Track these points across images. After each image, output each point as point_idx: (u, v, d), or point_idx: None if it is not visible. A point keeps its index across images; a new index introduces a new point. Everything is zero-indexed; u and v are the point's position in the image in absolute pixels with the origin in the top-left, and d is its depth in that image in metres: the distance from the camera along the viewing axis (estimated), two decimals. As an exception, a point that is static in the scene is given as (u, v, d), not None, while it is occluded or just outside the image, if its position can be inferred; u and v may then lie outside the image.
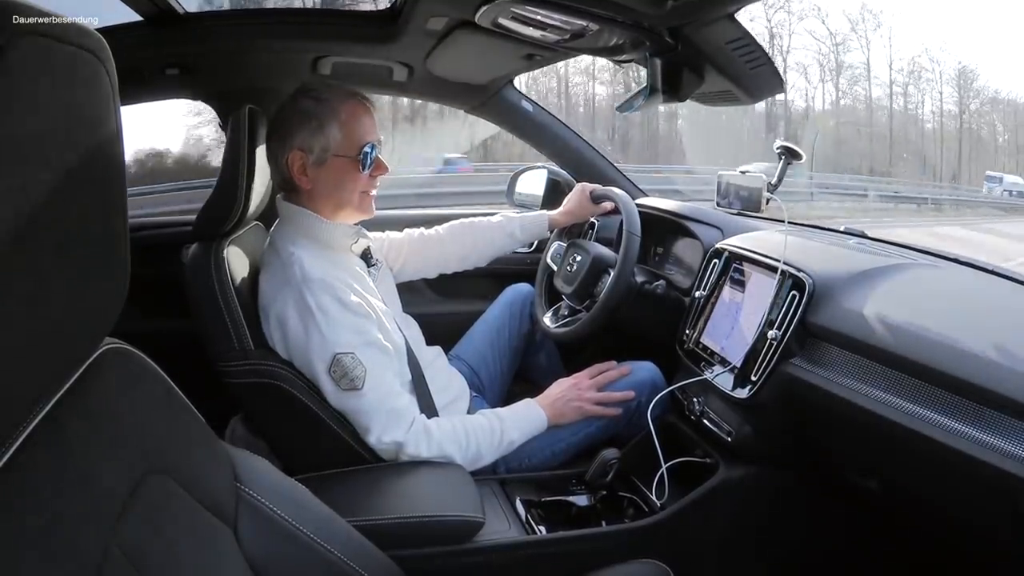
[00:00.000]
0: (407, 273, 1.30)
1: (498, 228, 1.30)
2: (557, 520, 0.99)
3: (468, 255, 1.30)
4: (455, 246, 1.29)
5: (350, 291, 0.96)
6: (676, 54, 0.96)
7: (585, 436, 1.13)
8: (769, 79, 0.99)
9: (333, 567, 0.60)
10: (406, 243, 1.29)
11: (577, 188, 1.34)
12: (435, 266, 1.31)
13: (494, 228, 1.30)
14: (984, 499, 0.70)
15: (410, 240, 1.29)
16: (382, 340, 0.97)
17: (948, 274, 0.96)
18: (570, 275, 1.23)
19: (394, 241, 1.29)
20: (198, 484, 0.50)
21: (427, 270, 1.31)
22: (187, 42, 1.20)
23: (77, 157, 0.36)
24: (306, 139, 0.98)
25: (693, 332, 1.12)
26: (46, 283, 0.34)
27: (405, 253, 1.28)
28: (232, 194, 0.99)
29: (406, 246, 1.29)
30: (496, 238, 1.30)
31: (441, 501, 0.91)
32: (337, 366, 0.92)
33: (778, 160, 1.08)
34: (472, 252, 1.30)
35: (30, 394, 0.36)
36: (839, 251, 1.06)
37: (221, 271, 0.96)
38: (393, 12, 1.14)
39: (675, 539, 0.98)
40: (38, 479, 0.37)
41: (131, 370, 0.48)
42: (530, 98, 1.59)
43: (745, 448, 1.00)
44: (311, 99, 0.99)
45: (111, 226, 0.39)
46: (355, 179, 1.01)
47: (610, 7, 0.87)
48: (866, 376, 0.80)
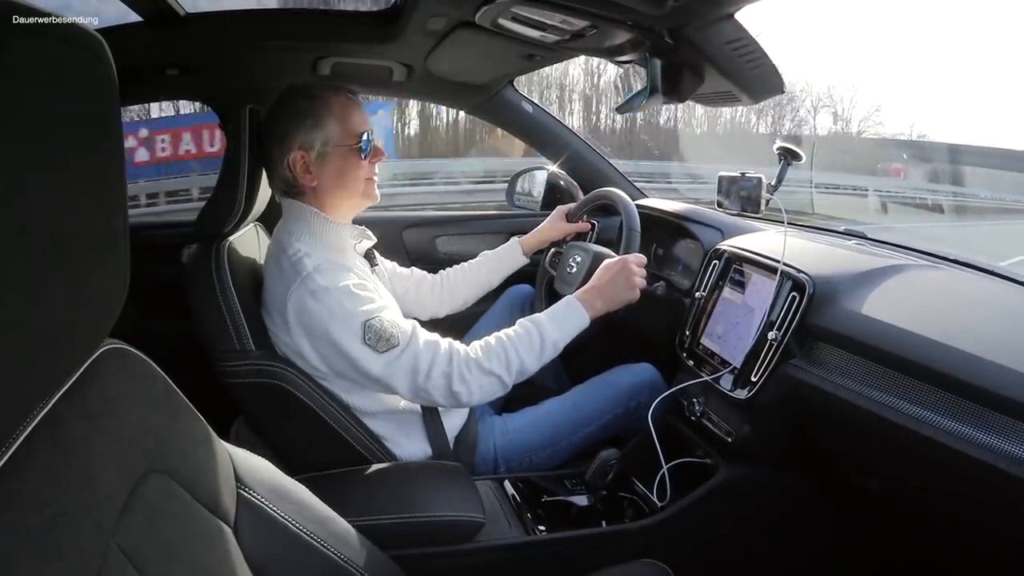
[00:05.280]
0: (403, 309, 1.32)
1: (482, 273, 1.36)
2: (557, 520, 0.99)
3: (456, 304, 1.36)
4: (448, 296, 1.34)
5: (358, 277, 0.97)
6: (676, 54, 0.96)
7: (585, 436, 1.13)
8: (769, 79, 0.99)
9: (333, 567, 0.60)
10: (409, 280, 1.31)
11: (556, 210, 1.40)
12: (429, 311, 1.33)
13: (478, 274, 1.36)
14: (983, 500, 0.70)
15: (412, 280, 1.32)
16: (396, 308, 1.01)
17: (948, 275, 0.96)
18: (571, 276, 1.23)
19: (400, 273, 1.31)
20: (198, 484, 0.50)
21: (420, 313, 1.32)
22: (187, 42, 1.20)
23: (77, 157, 0.36)
24: (305, 137, 0.98)
25: (693, 333, 1.13)
26: (46, 283, 0.34)
27: (405, 288, 1.30)
28: (232, 194, 0.99)
29: (409, 283, 1.31)
30: (480, 282, 1.36)
31: (441, 501, 0.91)
32: (370, 331, 0.92)
33: (778, 161, 1.08)
34: (459, 300, 1.35)
35: (30, 394, 0.36)
36: (839, 252, 1.06)
37: (221, 271, 0.96)
38: (393, 12, 1.14)
39: (675, 539, 0.98)
40: (38, 479, 0.37)
41: (131, 370, 0.47)
42: (530, 99, 1.59)
43: (745, 449, 1.00)
44: (302, 98, 1.00)
45: (111, 226, 0.39)
46: (358, 166, 1.02)
47: (610, 7, 0.87)
48: (866, 377, 0.80)
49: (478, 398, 0.96)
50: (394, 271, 1.29)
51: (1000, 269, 0.93)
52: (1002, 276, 0.91)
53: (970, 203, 8.29)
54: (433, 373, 0.93)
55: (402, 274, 1.30)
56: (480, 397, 0.96)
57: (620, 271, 1.06)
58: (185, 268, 1.01)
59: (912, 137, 17.00)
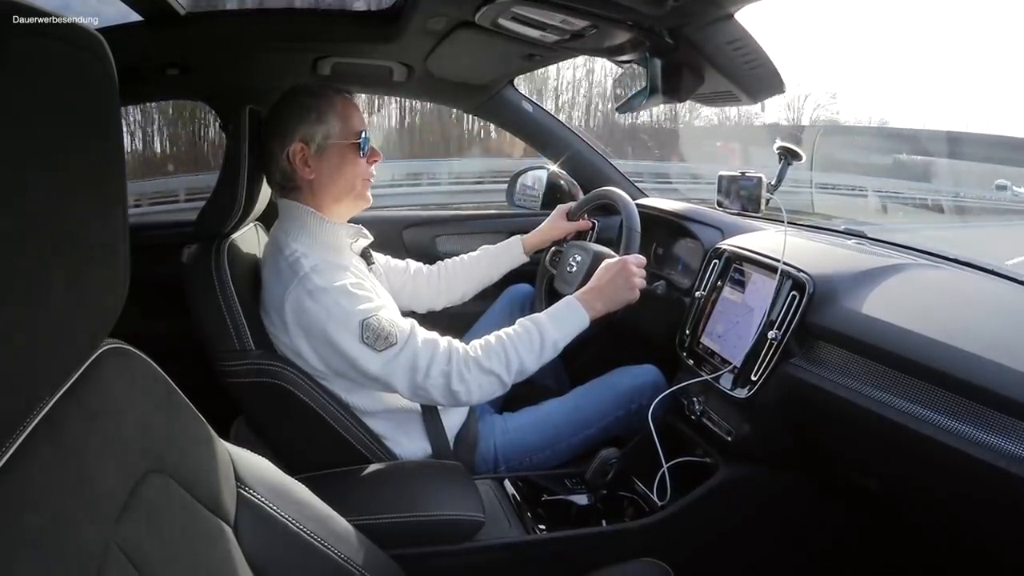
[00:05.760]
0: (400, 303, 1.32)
1: (481, 266, 1.35)
2: (557, 519, 0.99)
3: (454, 297, 1.35)
4: (445, 287, 1.33)
5: (355, 276, 0.97)
6: (676, 54, 0.96)
7: (585, 438, 1.13)
8: (769, 79, 0.98)
9: (333, 566, 0.60)
10: (405, 273, 1.31)
11: (556, 209, 1.39)
12: (426, 303, 1.33)
13: (477, 267, 1.35)
14: (983, 499, 0.70)
15: (408, 272, 1.32)
16: (394, 307, 1.02)
17: (948, 274, 0.96)
18: (571, 275, 1.23)
19: (395, 267, 1.30)
20: (198, 483, 0.50)
21: (416, 306, 1.32)
22: (187, 42, 1.20)
23: (77, 157, 0.36)
24: (307, 130, 1.00)
25: (693, 332, 1.13)
26: (46, 283, 0.34)
27: (402, 282, 1.30)
28: (232, 194, 0.99)
29: (405, 276, 1.31)
30: (479, 275, 1.35)
31: (441, 501, 0.91)
32: (368, 330, 0.92)
33: (778, 161, 1.08)
34: (457, 293, 1.35)
35: (30, 394, 0.36)
36: (839, 251, 1.06)
37: (221, 271, 0.96)
38: (393, 12, 1.14)
39: (675, 539, 0.98)
40: (38, 479, 0.37)
41: (131, 370, 0.47)
42: (530, 98, 1.59)
43: (745, 448, 1.00)
44: (305, 95, 1.02)
45: (111, 226, 0.39)
46: (355, 163, 1.03)
47: (610, 7, 0.87)
48: (866, 376, 0.80)
49: (477, 397, 0.96)
50: (389, 265, 1.29)
51: (1000, 268, 0.93)
52: (1002, 275, 0.91)
53: (971, 203, 8.26)
54: (432, 371, 0.93)
55: (398, 268, 1.30)
56: (479, 396, 0.96)
57: (620, 272, 1.06)
58: (185, 268, 1.01)
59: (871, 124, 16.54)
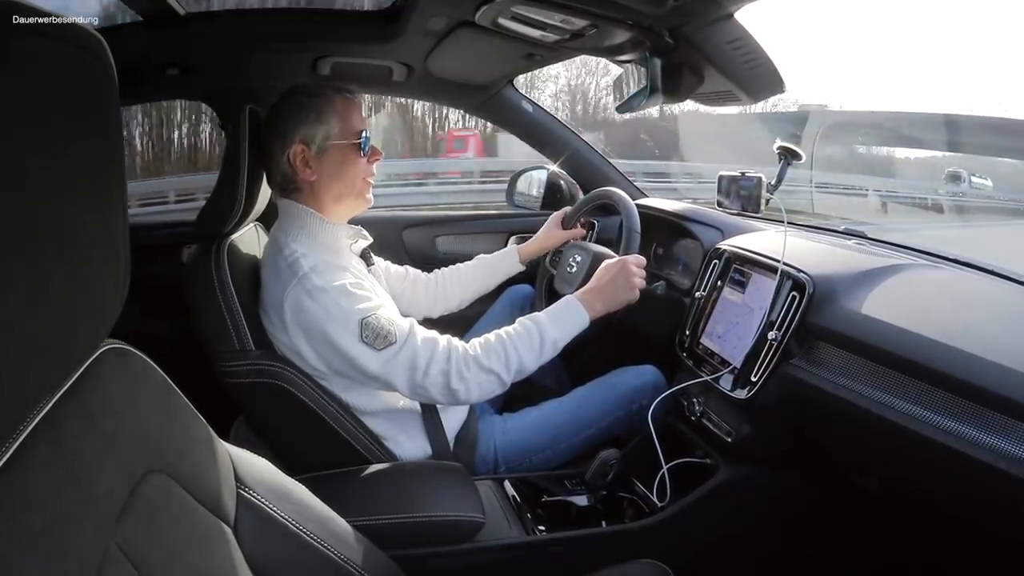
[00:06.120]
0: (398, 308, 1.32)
1: (477, 277, 1.36)
2: (557, 520, 0.99)
3: (451, 305, 1.35)
4: (442, 295, 1.33)
5: (354, 276, 0.97)
6: (676, 54, 0.96)
7: (586, 439, 1.13)
8: (769, 79, 0.98)
9: (333, 567, 0.60)
10: (405, 279, 1.31)
11: (551, 218, 1.39)
12: (423, 310, 1.33)
13: (473, 278, 1.36)
14: (983, 500, 0.70)
15: (408, 278, 1.32)
16: (393, 307, 1.02)
17: (948, 275, 0.96)
18: (571, 275, 1.23)
19: (395, 272, 1.31)
20: (198, 484, 0.50)
21: (413, 312, 1.32)
22: (187, 42, 1.20)
23: (77, 157, 0.36)
24: (307, 131, 0.99)
25: (693, 333, 1.12)
26: (46, 283, 0.34)
27: (401, 287, 1.30)
28: (232, 194, 0.99)
29: (404, 282, 1.31)
30: (476, 286, 1.36)
31: (441, 501, 0.91)
32: (367, 329, 0.92)
33: (778, 161, 1.08)
34: (455, 301, 1.35)
35: (30, 394, 0.36)
36: (839, 252, 1.06)
37: (221, 271, 0.96)
38: (393, 12, 1.14)
39: (675, 539, 0.98)
40: (38, 479, 0.36)
41: (131, 370, 0.47)
42: (530, 98, 1.59)
43: (745, 449, 1.00)
44: (305, 95, 1.01)
45: (111, 226, 0.39)
46: (356, 163, 1.03)
47: (610, 7, 0.87)
48: (866, 377, 0.80)
49: (476, 396, 0.96)
50: (388, 270, 1.29)
51: (1000, 269, 0.93)
52: (1002, 276, 0.91)
53: (971, 203, 8.22)
54: (431, 370, 0.93)
55: (397, 273, 1.31)
56: (479, 395, 0.96)
57: (620, 272, 1.06)
58: (185, 268, 1.01)
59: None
